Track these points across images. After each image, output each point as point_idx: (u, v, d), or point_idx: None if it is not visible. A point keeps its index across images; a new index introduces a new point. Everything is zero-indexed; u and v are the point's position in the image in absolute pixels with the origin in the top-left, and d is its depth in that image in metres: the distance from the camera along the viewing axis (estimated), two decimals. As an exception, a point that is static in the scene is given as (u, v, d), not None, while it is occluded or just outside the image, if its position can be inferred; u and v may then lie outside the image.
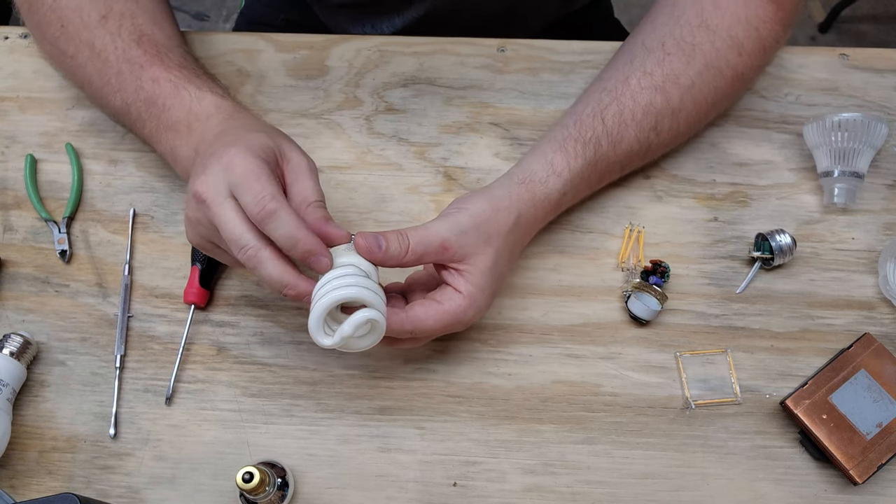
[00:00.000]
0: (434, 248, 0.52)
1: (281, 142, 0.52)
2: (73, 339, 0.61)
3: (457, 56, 0.71)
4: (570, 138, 0.58)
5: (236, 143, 0.50)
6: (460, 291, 0.53)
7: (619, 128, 0.58)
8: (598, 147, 0.58)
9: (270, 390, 0.59)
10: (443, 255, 0.52)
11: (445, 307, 0.52)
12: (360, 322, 0.48)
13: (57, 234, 0.64)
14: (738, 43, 0.60)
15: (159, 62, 0.58)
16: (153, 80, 0.58)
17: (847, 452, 0.54)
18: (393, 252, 0.50)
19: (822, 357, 0.59)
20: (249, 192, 0.48)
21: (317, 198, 0.51)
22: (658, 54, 0.60)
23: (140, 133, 0.60)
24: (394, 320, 0.51)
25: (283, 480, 0.54)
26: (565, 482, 0.56)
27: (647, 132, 0.59)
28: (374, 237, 0.50)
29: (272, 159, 0.50)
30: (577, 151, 0.58)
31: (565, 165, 0.57)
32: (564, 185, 0.57)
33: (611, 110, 0.59)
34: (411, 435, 0.58)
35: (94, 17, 0.60)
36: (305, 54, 0.71)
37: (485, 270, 0.53)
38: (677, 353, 0.60)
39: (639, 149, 0.60)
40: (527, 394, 0.59)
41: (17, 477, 0.57)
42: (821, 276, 0.62)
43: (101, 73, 0.60)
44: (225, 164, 0.49)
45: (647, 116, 0.59)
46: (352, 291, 0.47)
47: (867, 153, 0.63)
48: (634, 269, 0.62)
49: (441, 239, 0.52)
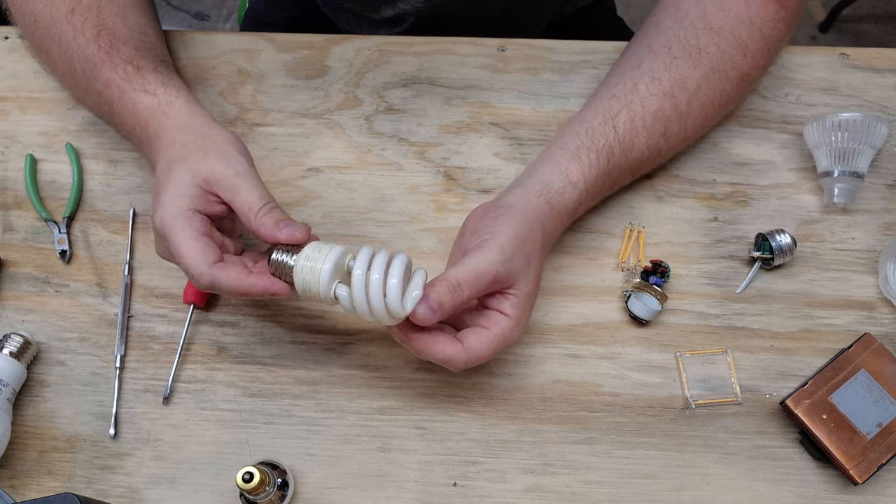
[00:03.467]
0: (486, 285, 0.51)
1: (201, 167, 0.51)
2: (73, 339, 0.61)
3: (457, 56, 0.71)
4: (583, 147, 0.58)
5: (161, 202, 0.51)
6: (508, 315, 0.52)
7: (630, 135, 0.58)
8: (612, 156, 0.58)
9: (270, 390, 0.59)
10: (493, 287, 0.51)
11: (496, 332, 0.51)
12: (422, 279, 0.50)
13: (57, 234, 0.64)
14: (742, 44, 0.60)
15: (109, 61, 0.57)
16: (105, 84, 0.57)
17: (847, 452, 0.54)
18: (448, 309, 0.49)
19: (822, 357, 0.59)
20: (182, 266, 0.50)
21: (260, 203, 0.50)
22: (665, 58, 0.60)
23: (119, 134, 0.61)
24: (454, 354, 0.50)
25: (283, 480, 0.54)
26: (565, 482, 0.56)
27: (657, 138, 0.59)
28: (429, 307, 0.48)
29: (199, 199, 0.51)
30: (591, 160, 0.57)
31: (580, 176, 0.57)
32: (580, 196, 0.57)
33: (622, 118, 0.58)
34: (411, 435, 0.58)
35: (63, 11, 0.59)
36: (305, 54, 0.71)
37: (528, 293, 0.53)
38: (677, 353, 0.60)
39: (649, 155, 0.60)
40: (527, 394, 0.59)
41: (17, 477, 0.57)
42: (821, 276, 0.62)
43: (70, 72, 0.60)
44: (157, 229, 0.51)
45: (656, 122, 0.59)
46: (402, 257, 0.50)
47: (867, 153, 0.63)
48: (634, 269, 0.62)
49: (493, 274, 0.51)
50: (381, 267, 0.48)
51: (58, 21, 0.59)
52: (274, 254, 0.51)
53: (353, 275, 0.49)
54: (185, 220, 0.50)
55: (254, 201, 0.51)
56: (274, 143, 0.67)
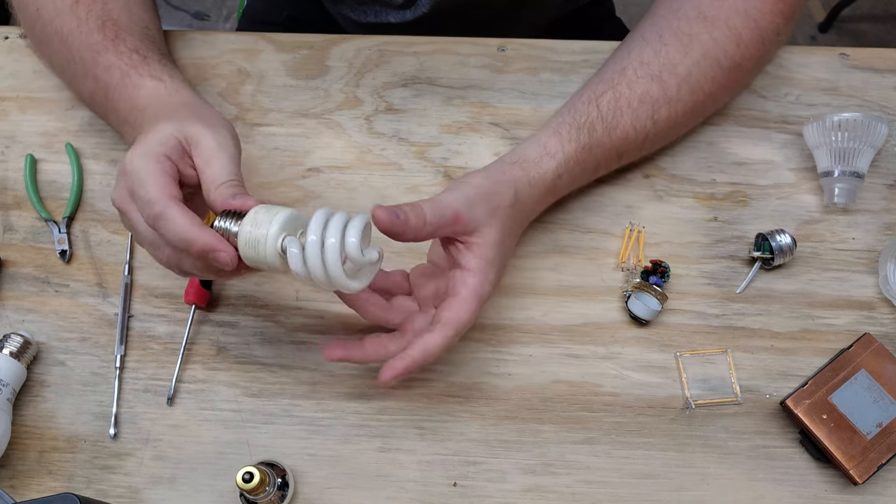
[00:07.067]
0: (448, 219, 0.51)
1: (189, 127, 0.50)
2: (73, 339, 0.61)
3: (457, 56, 0.71)
4: (564, 123, 0.58)
5: (136, 145, 0.49)
6: (471, 269, 0.52)
7: (614, 114, 0.58)
8: (593, 131, 0.58)
9: (270, 390, 0.59)
10: (455, 226, 0.51)
11: (465, 293, 0.51)
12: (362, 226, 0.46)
13: (57, 234, 0.64)
14: (736, 34, 0.60)
15: (113, 48, 0.57)
16: (106, 69, 0.57)
17: (847, 452, 0.54)
18: (413, 224, 0.49)
19: (822, 357, 0.59)
20: (139, 199, 0.47)
21: (226, 178, 0.48)
22: (655, 45, 0.60)
23: (109, 124, 0.60)
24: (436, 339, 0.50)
25: (283, 480, 0.54)
26: (565, 482, 0.56)
27: (644, 120, 0.59)
28: (393, 210, 0.48)
29: (175, 151, 0.49)
30: (570, 135, 0.58)
31: (559, 148, 0.57)
32: (558, 167, 0.57)
33: (606, 97, 0.59)
34: (411, 435, 0.58)
35: (68, 2, 0.59)
36: (305, 54, 0.71)
37: (492, 243, 0.52)
38: (677, 353, 0.60)
39: (635, 136, 0.60)
40: (527, 394, 0.59)
41: (17, 477, 0.57)
42: (821, 276, 0.62)
43: (68, 61, 0.60)
44: (124, 169, 0.49)
45: (643, 104, 0.59)
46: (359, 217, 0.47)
47: (867, 153, 0.63)
48: (634, 269, 0.62)
49: (454, 210, 0.51)
50: (337, 230, 0.46)
51: (61, 12, 0.60)
52: (217, 221, 0.47)
53: (307, 240, 0.45)
54: (156, 161, 0.48)
55: (220, 173, 0.48)
56: (274, 143, 0.67)
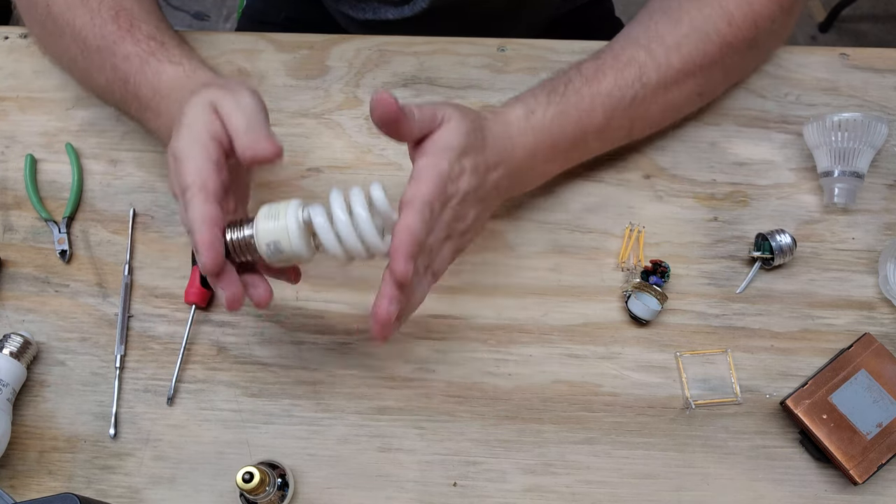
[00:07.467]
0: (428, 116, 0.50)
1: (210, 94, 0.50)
2: (73, 339, 0.61)
3: (457, 56, 0.71)
4: (539, 84, 0.59)
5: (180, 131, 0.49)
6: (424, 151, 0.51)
7: (595, 73, 0.58)
8: (569, 83, 0.58)
9: (270, 390, 0.59)
10: (432, 124, 0.51)
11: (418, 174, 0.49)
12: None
13: (57, 234, 0.64)
14: (727, 13, 0.60)
15: (130, 37, 0.58)
16: (125, 58, 0.57)
17: (847, 452, 0.55)
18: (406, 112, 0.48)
19: (822, 357, 0.59)
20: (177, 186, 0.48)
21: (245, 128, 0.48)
22: (645, 23, 0.61)
23: (128, 114, 0.60)
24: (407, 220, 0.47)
25: (283, 480, 0.54)
26: (565, 482, 0.56)
27: (631, 81, 0.58)
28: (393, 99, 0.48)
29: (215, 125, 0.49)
30: (544, 86, 0.58)
31: (529, 95, 0.58)
32: (527, 105, 0.57)
33: (588, 63, 0.59)
34: (411, 435, 0.58)
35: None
36: (305, 54, 0.71)
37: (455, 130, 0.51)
38: (677, 353, 0.60)
39: (620, 96, 0.58)
40: (527, 394, 0.59)
41: (17, 477, 0.57)
42: (821, 276, 0.62)
43: (83, 54, 0.59)
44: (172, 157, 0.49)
45: (629, 66, 0.58)
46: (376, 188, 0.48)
47: (867, 153, 0.63)
48: (634, 269, 0.62)
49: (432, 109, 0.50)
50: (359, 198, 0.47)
51: (73, 5, 0.59)
52: (227, 233, 0.48)
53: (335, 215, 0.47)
54: (202, 147, 0.48)
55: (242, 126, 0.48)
56: (274, 143, 0.67)
